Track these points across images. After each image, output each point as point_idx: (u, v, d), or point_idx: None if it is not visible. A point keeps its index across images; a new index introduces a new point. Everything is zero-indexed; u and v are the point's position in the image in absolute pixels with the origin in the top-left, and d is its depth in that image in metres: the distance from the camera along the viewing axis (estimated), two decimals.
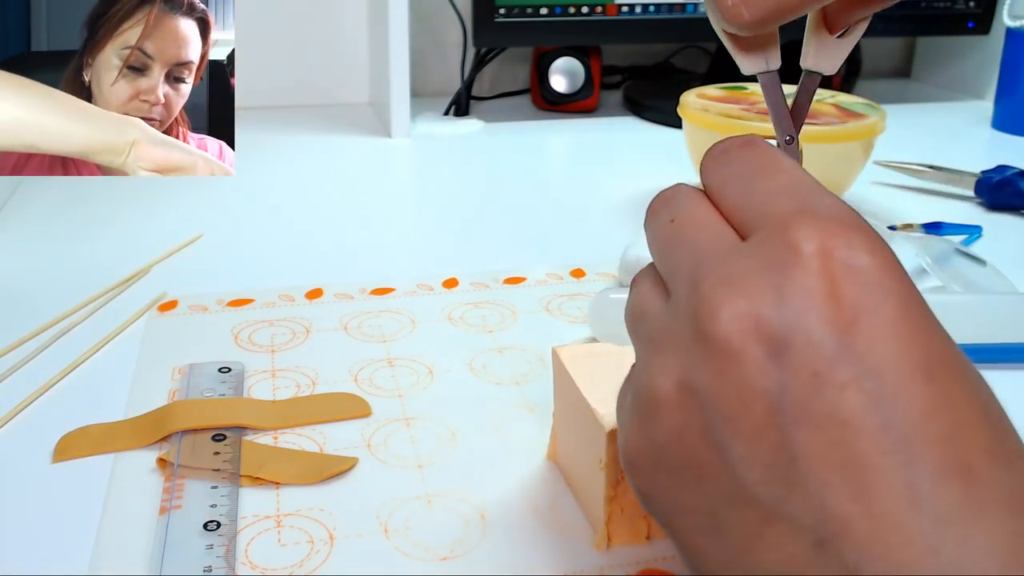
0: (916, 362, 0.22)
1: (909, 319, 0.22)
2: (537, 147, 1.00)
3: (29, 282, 0.62)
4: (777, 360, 0.22)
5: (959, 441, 0.21)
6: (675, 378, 0.24)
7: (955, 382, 0.22)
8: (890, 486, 0.21)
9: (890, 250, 0.23)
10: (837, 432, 0.22)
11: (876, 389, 0.21)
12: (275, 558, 0.37)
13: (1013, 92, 1.05)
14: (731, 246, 0.25)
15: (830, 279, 0.22)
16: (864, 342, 0.22)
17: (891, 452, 0.21)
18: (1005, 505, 0.21)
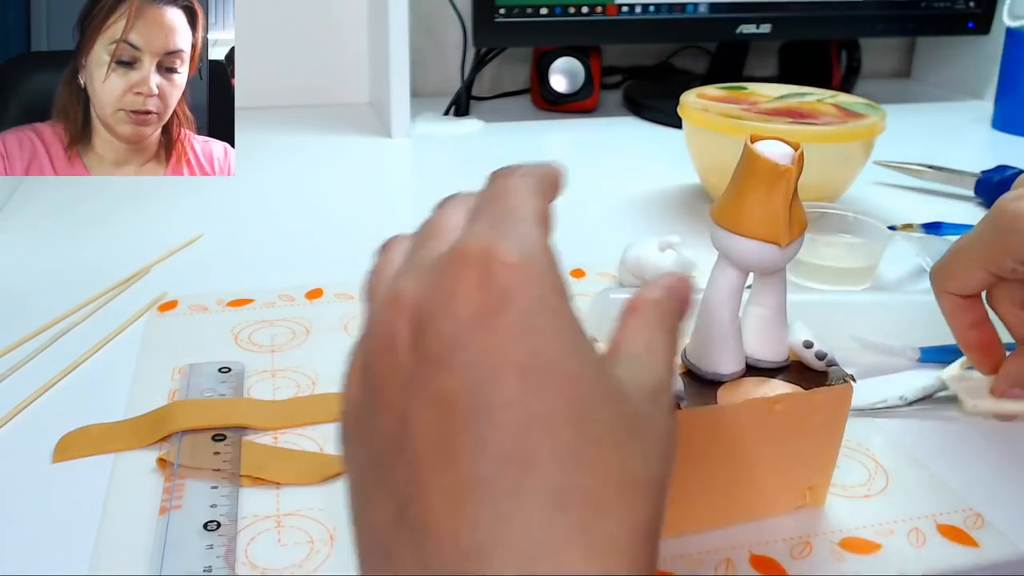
0: (515, 361, 0.24)
1: (528, 327, 0.25)
2: (537, 147, 1.00)
3: (29, 282, 0.62)
4: (416, 345, 0.26)
5: (528, 436, 0.24)
6: (358, 360, 0.28)
7: (548, 384, 0.24)
8: (461, 461, 0.24)
9: (545, 276, 0.26)
10: (438, 410, 0.24)
11: (475, 376, 0.24)
12: (275, 558, 0.37)
13: (1013, 92, 1.05)
14: (435, 251, 0.28)
15: (473, 281, 0.25)
16: (481, 337, 0.25)
17: (470, 431, 0.24)
18: (550, 499, 0.23)
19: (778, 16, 1.08)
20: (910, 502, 0.41)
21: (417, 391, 0.25)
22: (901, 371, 0.52)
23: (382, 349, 0.27)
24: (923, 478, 0.43)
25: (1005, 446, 0.46)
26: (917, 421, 0.48)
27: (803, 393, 0.37)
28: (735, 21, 1.07)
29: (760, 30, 1.07)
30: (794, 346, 0.39)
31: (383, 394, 0.26)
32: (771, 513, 0.40)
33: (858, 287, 0.61)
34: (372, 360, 0.27)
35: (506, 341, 0.25)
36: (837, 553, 0.38)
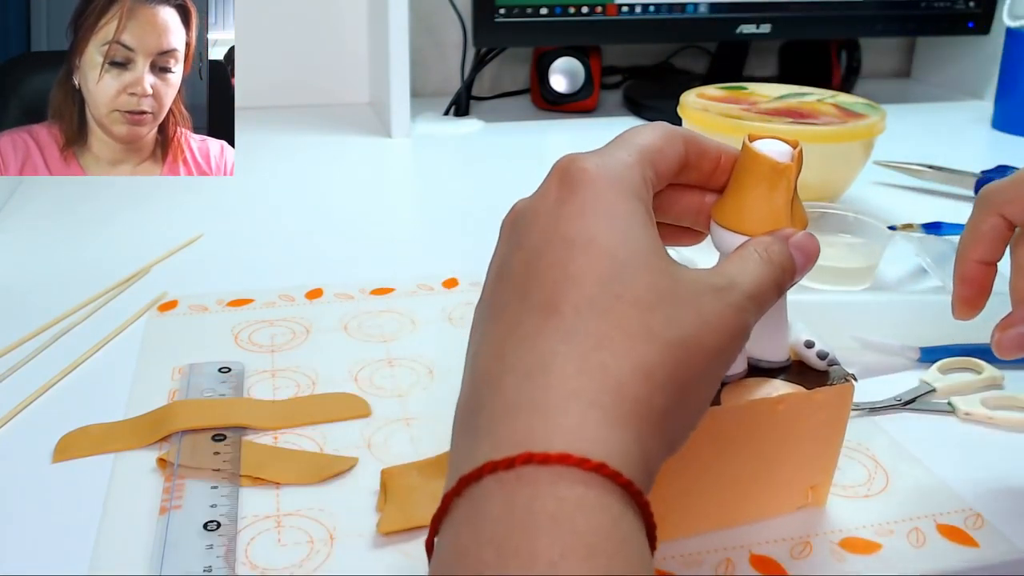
0: (564, 234, 0.30)
1: (581, 212, 0.30)
2: (537, 147, 1.00)
3: (29, 282, 0.62)
4: (511, 234, 0.32)
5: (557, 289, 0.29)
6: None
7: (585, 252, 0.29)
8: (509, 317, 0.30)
9: (615, 174, 0.31)
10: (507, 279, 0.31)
11: (534, 248, 0.30)
12: (275, 558, 0.37)
13: (1013, 92, 1.05)
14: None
15: (555, 180, 0.32)
16: (549, 220, 0.31)
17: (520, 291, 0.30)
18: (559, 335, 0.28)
19: (778, 16, 1.08)
20: (910, 502, 0.41)
21: (501, 269, 0.32)
22: (901, 371, 0.52)
23: (498, 247, 0.33)
24: (923, 478, 0.43)
25: (1005, 446, 0.46)
26: (917, 421, 0.48)
27: (805, 393, 0.37)
28: (735, 21, 1.07)
29: (760, 30, 1.07)
30: (795, 346, 0.39)
31: (487, 280, 0.33)
32: (774, 513, 0.40)
33: (858, 287, 0.61)
34: (494, 256, 0.33)
35: (563, 220, 0.30)
36: (837, 553, 0.38)
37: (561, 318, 0.28)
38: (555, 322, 0.28)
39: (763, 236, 0.34)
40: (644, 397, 0.27)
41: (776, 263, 0.33)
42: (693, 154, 0.35)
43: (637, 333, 0.28)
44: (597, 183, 0.31)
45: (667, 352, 0.28)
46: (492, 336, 0.30)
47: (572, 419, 0.26)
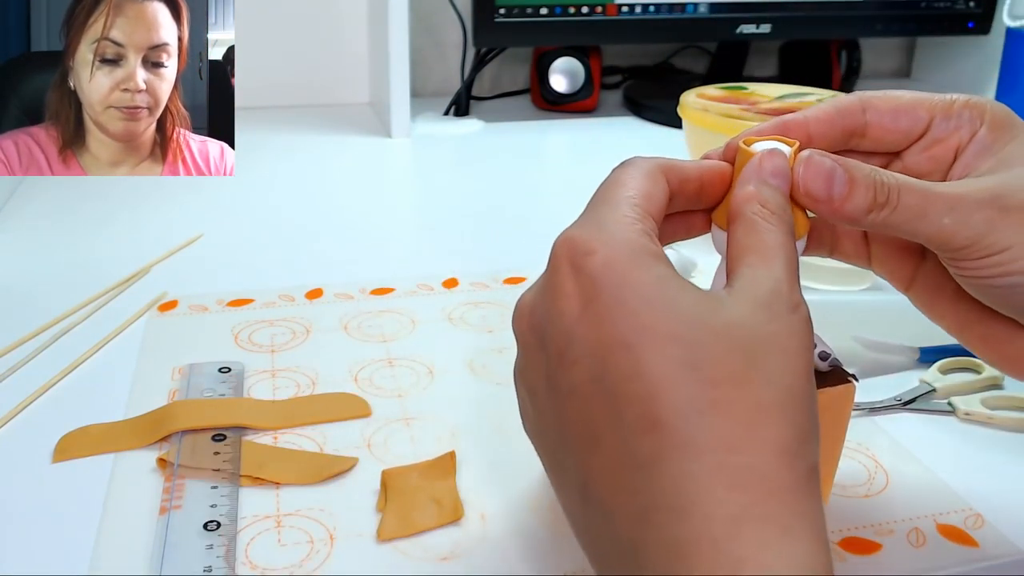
0: (618, 338, 0.27)
1: (620, 303, 0.27)
2: (537, 147, 1.00)
3: (29, 282, 0.62)
4: (543, 347, 0.29)
5: (651, 400, 0.26)
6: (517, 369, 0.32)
7: (660, 345, 0.26)
8: (607, 442, 0.27)
9: (623, 249, 0.28)
10: (576, 402, 0.28)
11: (593, 364, 0.27)
12: (275, 558, 0.37)
13: (1013, 92, 1.05)
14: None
15: (567, 277, 0.29)
16: (586, 327, 0.28)
17: (606, 414, 0.27)
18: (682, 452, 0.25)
19: (778, 16, 1.08)
20: (910, 502, 0.41)
21: (555, 389, 0.29)
22: (901, 371, 0.52)
23: (522, 358, 0.31)
24: (923, 478, 0.43)
25: (1005, 446, 0.46)
26: (917, 421, 0.48)
27: None
28: (735, 21, 1.07)
29: (760, 30, 1.07)
30: None
31: (537, 399, 0.30)
32: None
33: (858, 287, 0.61)
34: (520, 369, 0.32)
35: (606, 323, 0.27)
36: (837, 553, 0.38)
37: (672, 431, 0.26)
38: (668, 438, 0.25)
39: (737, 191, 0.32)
40: (797, 476, 0.26)
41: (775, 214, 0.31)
42: (675, 183, 0.33)
43: (752, 413, 0.26)
44: (615, 267, 0.28)
45: (787, 414, 0.26)
46: (602, 468, 0.27)
47: (748, 547, 0.24)
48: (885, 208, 0.31)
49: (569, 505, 0.29)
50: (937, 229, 0.31)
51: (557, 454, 0.29)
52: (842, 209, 0.31)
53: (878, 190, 0.31)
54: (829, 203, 0.32)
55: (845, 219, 0.32)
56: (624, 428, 0.26)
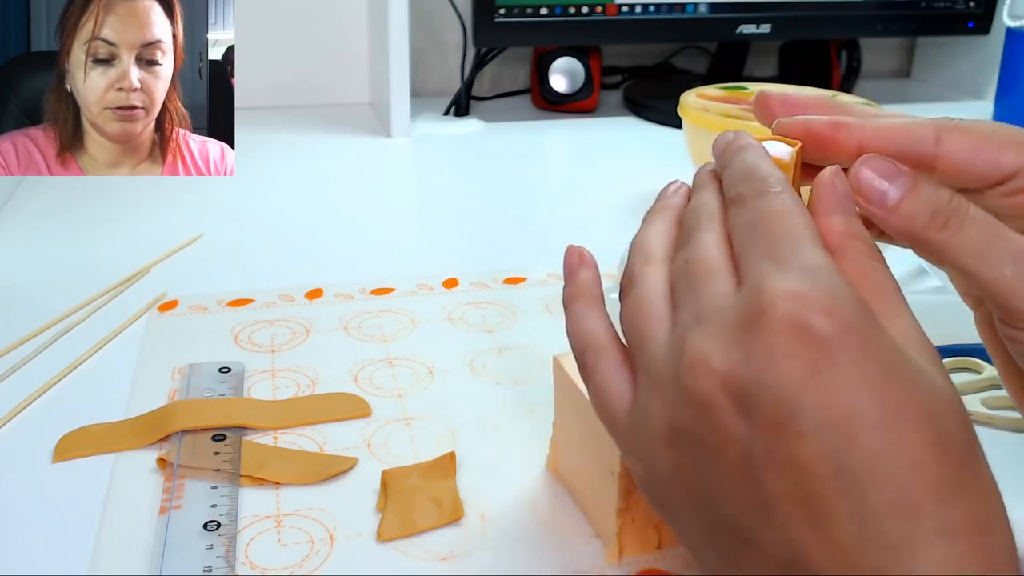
0: (866, 413, 0.24)
1: (864, 374, 0.25)
2: (537, 147, 1.00)
3: (29, 282, 0.62)
4: (745, 413, 0.25)
5: (906, 482, 0.24)
6: (666, 419, 0.28)
7: (910, 425, 0.24)
8: (841, 521, 0.24)
9: (855, 308, 0.25)
10: (797, 476, 0.25)
11: (830, 439, 0.24)
12: (275, 558, 0.37)
13: (1013, 92, 1.05)
14: (722, 302, 0.28)
15: (791, 340, 0.25)
16: (819, 397, 0.24)
17: (843, 493, 0.24)
18: (939, 536, 0.24)
19: (778, 16, 1.08)
20: None
21: (766, 459, 0.25)
22: None
23: (700, 416, 0.26)
24: None
25: (1005, 446, 0.46)
26: None
27: None
28: (735, 21, 1.07)
29: (760, 30, 1.07)
30: None
31: (722, 462, 0.26)
32: None
33: None
34: (687, 425, 0.27)
35: (847, 396, 0.24)
36: None
37: (928, 517, 0.24)
38: (925, 524, 0.24)
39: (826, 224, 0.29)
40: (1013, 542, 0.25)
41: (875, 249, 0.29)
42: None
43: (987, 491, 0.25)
44: (854, 332, 0.25)
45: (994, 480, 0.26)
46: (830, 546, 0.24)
47: None
48: (945, 230, 0.29)
49: (745, 572, 0.27)
50: (995, 277, 0.29)
51: (743, 522, 0.26)
52: (895, 216, 0.30)
53: (939, 206, 0.29)
54: (882, 207, 0.30)
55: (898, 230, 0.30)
56: (867, 509, 0.24)
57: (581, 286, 0.34)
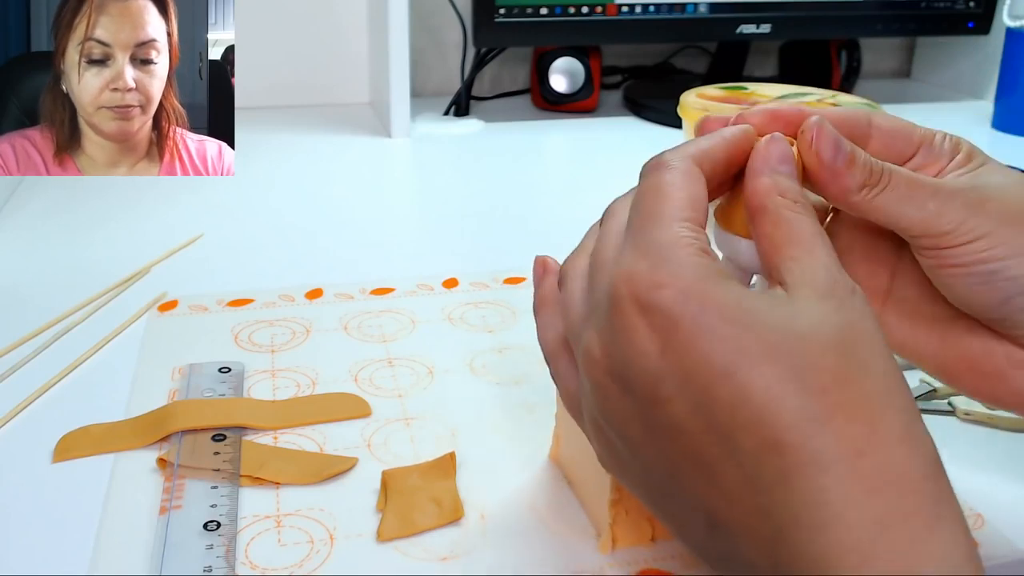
0: (715, 365, 0.26)
1: (704, 330, 0.26)
2: (537, 147, 1.00)
3: (29, 282, 0.62)
4: (628, 391, 0.28)
5: (765, 424, 0.25)
6: (588, 408, 0.31)
7: (760, 366, 0.26)
8: (725, 470, 0.26)
9: (693, 274, 0.27)
10: (679, 438, 0.27)
11: (691, 397, 0.26)
12: (275, 558, 0.37)
13: (1013, 92, 1.05)
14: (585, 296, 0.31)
15: (638, 316, 0.28)
16: (673, 362, 0.27)
17: (717, 444, 0.26)
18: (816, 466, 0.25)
19: (778, 16, 1.08)
20: None
21: (653, 429, 0.28)
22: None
23: (603, 403, 0.29)
24: None
25: (1005, 446, 0.46)
26: None
27: None
28: (735, 21, 1.07)
29: (760, 30, 1.07)
30: None
31: (630, 440, 0.29)
32: None
33: None
34: (601, 414, 0.30)
35: (695, 354, 0.26)
36: None
37: (795, 449, 0.25)
38: (792, 457, 0.25)
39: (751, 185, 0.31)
40: (925, 461, 0.26)
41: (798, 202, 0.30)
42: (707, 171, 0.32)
43: (866, 411, 0.26)
44: (690, 296, 0.27)
45: (894, 400, 0.26)
46: (725, 496, 0.26)
47: (897, 548, 0.24)
48: (877, 186, 0.33)
49: (692, 537, 0.29)
50: (923, 214, 0.33)
51: (668, 490, 0.28)
52: (841, 179, 0.32)
53: (873, 168, 0.33)
54: (831, 170, 0.32)
55: (841, 191, 0.33)
56: (742, 455, 0.26)
57: (545, 292, 0.36)
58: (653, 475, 0.29)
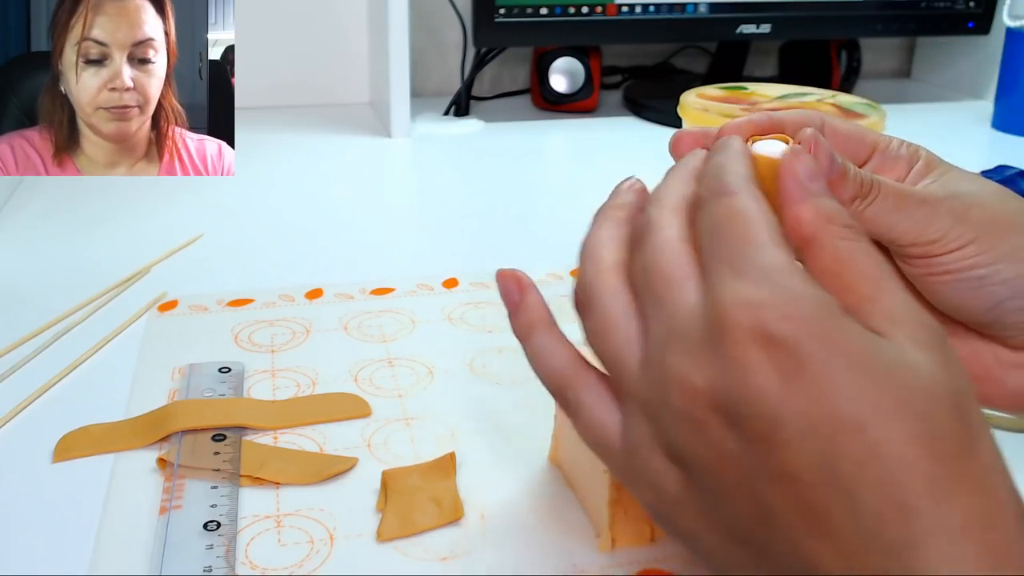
0: (845, 415, 0.24)
1: (834, 375, 0.25)
2: (537, 147, 1.00)
3: (29, 282, 0.62)
4: (735, 428, 0.26)
5: (896, 483, 0.24)
6: (664, 441, 0.28)
7: (892, 423, 0.24)
8: (840, 527, 0.24)
9: (816, 306, 0.26)
10: (790, 486, 0.25)
11: (814, 446, 0.24)
12: (275, 558, 0.37)
13: (1013, 92, 1.05)
14: (689, 314, 0.28)
15: (757, 350, 0.25)
16: (796, 405, 0.25)
17: (836, 499, 0.24)
18: (945, 535, 0.24)
19: (778, 16, 1.08)
20: None
21: (760, 471, 0.25)
22: None
23: (694, 436, 0.27)
24: None
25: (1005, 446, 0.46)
26: None
27: None
28: (735, 21, 1.07)
29: (760, 30, 1.07)
30: None
31: (723, 477, 0.26)
32: None
33: None
34: (686, 446, 0.27)
35: (823, 401, 0.24)
36: None
37: (925, 516, 0.24)
38: (921, 524, 0.24)
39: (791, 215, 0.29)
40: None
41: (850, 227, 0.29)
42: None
43: (988, 479, 0.25)
44: (816, 333, 0.25)
45: (1002, 464, 0.26)
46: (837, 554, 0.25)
47: None
48: (867, 198, 0.33)
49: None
50: (911, 223, 0.33)
51: (750, 537, 0.26)
52: (834, 192, 0.31)
53: (863, 180, 0.33)
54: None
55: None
56: (864, 514, 0.24)
57: (531, 314, 0.34)
58: (736, 520, 0.27)
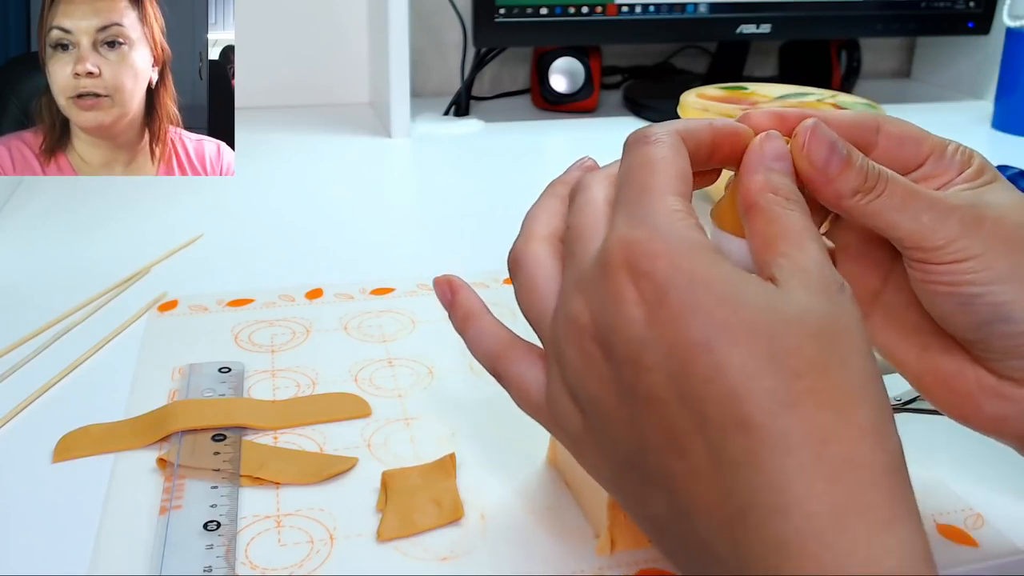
0: (695, 340, 0.26)
1: (691, 304, 0.27)
2: (537, 147, 1.00)
3: (29, 282, 0.62)
4: (610, 357, 0.28)
5: (737, 401, 0.26)
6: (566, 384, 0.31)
7: (737, 341, 0.26)
8: (694, 445, 0.26)
9: (687, 248, 0.28)
10: (654, 407, 0.27)
11: (670, 368, 0.27)
12: (275, 558, 0.37)
13: (1013, 92, 1.05)
14: (590, 260, 0.30)
15: (629, 283, 0.28)
16: (657, 331, 0.27)
17: (689, 417, 0.26)
18: (777, 449, 0.25)
19: (778, 16, 1.08)
20: None
21: (629, 396, 0.28)
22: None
23: (583, 370, 0.29)
24: (922, 478, 0.43)
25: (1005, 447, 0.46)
26: (916, 421, 0.48)
27: None
28: (735, 21, 1.07)
29: (760, 30, 1.07)
30: None
31: (603, 408, 0.29)
32: None
33: None
34: (578, 381, 0.30)
35: (680, 326, 0.26)
36: None
37: (762, 429, 0.25)
38: (758, 436, 0.25)
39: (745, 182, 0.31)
40: (890, 458, 0.26)
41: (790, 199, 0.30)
42: (691, 147, 0.32)
43: (838, 400, 0.26)
44: (681, 268, 0.27)
45: (868, 396, 0.26)
46: (690, 472, 0.26)
47: (855, 540, 0.24)
48: (871, 193, 0.32)
49: (650, 514, 0.29)
50: (915, 225, 0.32)
51: (633, 463, 0.29)
52: (834, 183, 0.32)
53: (869, 173, 0.32)
54: (824, 173, 0.32)
55: (833, 195, 0.32)
56: (711, 430, 0.26)
57: (464, 308, 0.36)
58: (620, 448, 0.29)
